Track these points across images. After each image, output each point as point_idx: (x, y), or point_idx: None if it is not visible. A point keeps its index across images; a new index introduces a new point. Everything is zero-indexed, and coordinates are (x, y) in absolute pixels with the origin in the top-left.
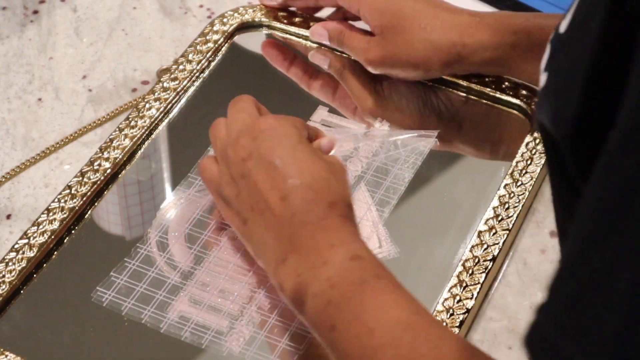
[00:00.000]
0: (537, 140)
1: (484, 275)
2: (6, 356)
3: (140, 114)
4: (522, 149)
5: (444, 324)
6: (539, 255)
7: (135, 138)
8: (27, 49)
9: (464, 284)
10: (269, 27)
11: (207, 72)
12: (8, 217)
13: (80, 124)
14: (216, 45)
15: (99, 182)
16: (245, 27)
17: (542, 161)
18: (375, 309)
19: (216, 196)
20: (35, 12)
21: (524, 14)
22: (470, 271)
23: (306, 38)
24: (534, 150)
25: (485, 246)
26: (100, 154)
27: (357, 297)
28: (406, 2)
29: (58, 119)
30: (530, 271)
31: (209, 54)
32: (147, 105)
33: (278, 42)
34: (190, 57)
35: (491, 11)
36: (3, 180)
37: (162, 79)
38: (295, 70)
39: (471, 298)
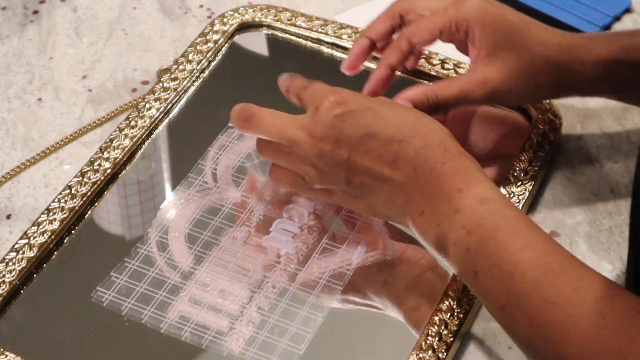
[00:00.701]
0: (537, 141)
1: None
2: (6, 356)
3: (141, 114)
4: (523, 149)
5: (445, 323)
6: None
7: (135, 138)
8: (27, 49)
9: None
10: (269, 27)
11: (207, 72)
12: (8, 217)
13: (80, 124)
14: (216, 45)
15: (99, 182)
16: (246, 27)
17: (542, 162)
18: (511, 254)
19: (312, 193)
20: (35, 12)
21: (628, 32)
22: None
23: (306, 38)
24: (534, 151)
25: None
26: (100, 154)
27: (492, 243)
28: (514, 17)
29: (58, 119)
30: None
31: (209, 54)
32: (147, 105)
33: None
34: (190, 57)
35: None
36: (3, 180)
37: (162, 79)
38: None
39: (472, 297)
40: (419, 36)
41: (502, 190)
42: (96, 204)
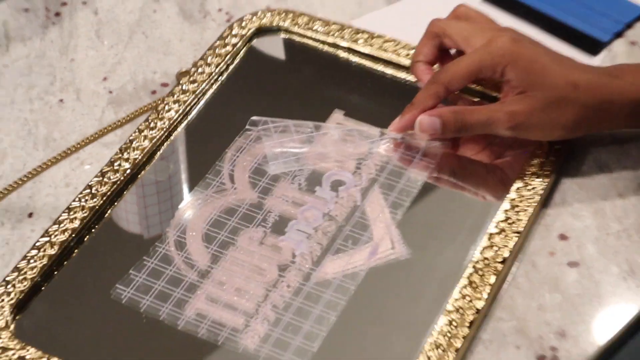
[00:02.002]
0: (548, 146)
1: (494, 277)
2: (27, 350)
3: (160, 116)
4: (534, 154)
5: (454, 324)
6: (548, 257)
7: (155, 139)
8: (49, 51)
9: (474, 285)
10: (287, 31)
11: (225, 75)
12: (30, 215)
13: (100, 125)
14: (234, 49)
15: (118, 182)
16: (264, 31)
17: (553, 166)
18: None
19: None
20: (57, 14)
21: None
22: (480, 273)
23: (323, 42)
24: (546, 155)
25: (495, 249)
26: (120, 155)
27: None
28: (544, 58)
29: (79, 120)
30: (539, 273)
31: (228, 57)
32: (167, 107)
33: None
34: (209, 60)
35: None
36: (25, 179)
37: (181, 82)
38: None
39: (481, 299)
40: (457, 82)
41: (513, 194)
42: (116, 203)
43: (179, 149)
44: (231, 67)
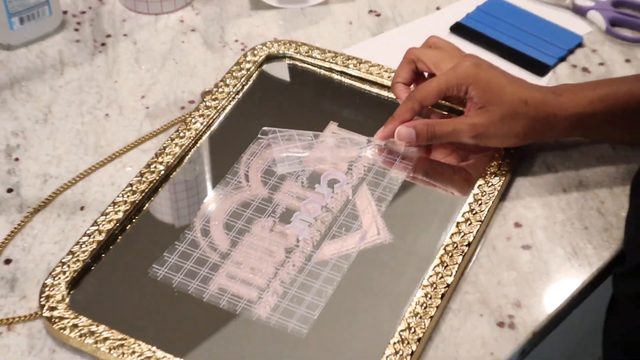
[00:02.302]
0: (504, 150)
1: (461, 257)
2: (80, 319)
3: (188, 127)
4: (493, 157)
5: (429, 296)
6: (505, 241)
7: (184, 146)
8: (96, 74)
9: (445, 264)
10: (291, 57)
11: (241, 94)
12: (82, 209)
13: (139, 134)
14: (248, 72)
15: (154, 181)
16: (272, 57)
17: (508, 167)
18: None
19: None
20: (103, 44)
21: (591, 83)
22: (450, 254)
23: (320, 67)
24: (502, 158)
25: (462, 234)
26: (156, 159)
27: None
28: (503, 81)
29: (122, 131)
30: (498, 255)
31: (243, 79)
32: (193, 120)
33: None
34: (227, 82)
35: (566, 84)
36: (78, 179)
37: (204, 99)
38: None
39: (450, 275)
40: (429, 100)
41: (476, 189)
42: (152, 198)
43: (203, 154)
44: (245, 87)
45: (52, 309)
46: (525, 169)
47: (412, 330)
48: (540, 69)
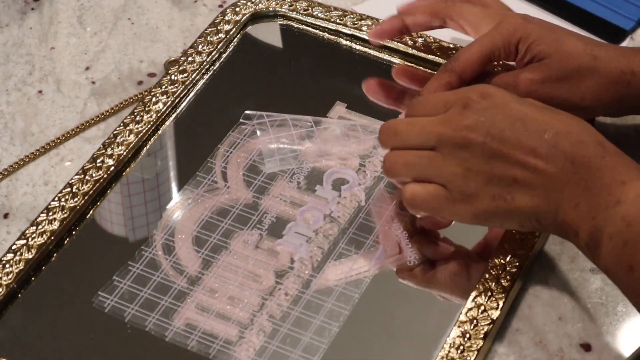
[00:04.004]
0: None
1: (510, 283)
2: None
3: (147, 108)
4: None
5: (467, 336)
6: (569, 263)
7: (141, 134)
8: (27, 38)
9: (489, 293)
10: (285, 17)
11: (217, 64)
12: (5, 216)
13: (82, 118)
14: (228, 36)
15: (101, 180)
16: (259, 17)
17: None
18: None
19: (449, 206)
20: None
21: None
22: (496, 279)
23: (324, 29)
24: None
25: (511, 252)
26: (104, 151)
27: None
28: (561, 33)
29: (59, 113)
30: (559, 280)
31: (220, 45)
32: (154, 99)
33: (409, 68)
34: (200, 48)
35: None
36: (0, 177)
37: (169, 71)
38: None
39: (496, 308)
40: (470, 70)
41: None
42: (98, 203)
43: (167, 144)
44: (224, 55)
45: None
46: None
47: None
48: (615, 34)
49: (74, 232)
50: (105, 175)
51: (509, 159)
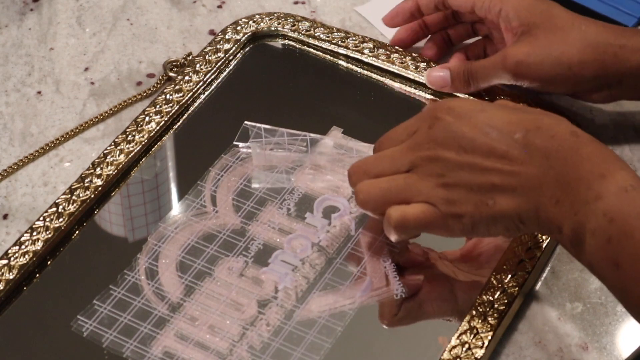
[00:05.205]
0: None
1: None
2: None
3: (139, 128)
4: None
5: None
6: (569, 263)
7: (132, 154)
8: (26, 39)
9: (475, 331)
10: (286, 37)
11: (215, 85)
12: (5, 217)
13: (81, 119)
14: (226, 56)
15: (88, 201)
16: (260, 36)
17: None
18: None
19: (443, 224)
20: (35, 0)
21: None
22: (490, 306)
23: (325, 51)
24: None
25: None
26: (92, 170)
27: (637, 231)
28: (553, 5)
29: (58, 114)
30: (559, 280)
31: (220, 64)
32: (147, 119)
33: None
34: (197, 67)
35: None
36: (0, 178)
37: (165, 91)
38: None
39: (482, 347)
40: (455, 1)
41: None
42: (84, 224)
43: (157, 164)
44: (222, 75)
45: None
46: None
47: None
48: None
49: (57, 254)
50: (92, 196)
51: (484, 167)
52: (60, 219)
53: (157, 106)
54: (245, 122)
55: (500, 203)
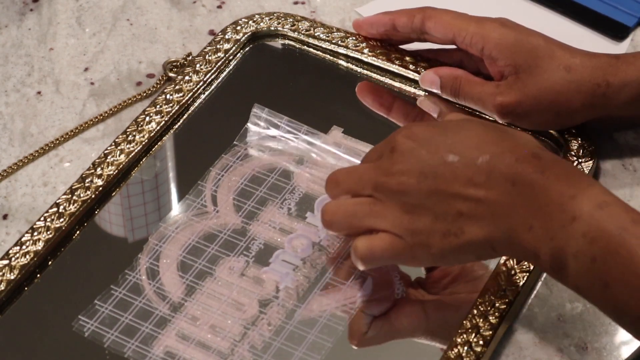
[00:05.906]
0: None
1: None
2: None
3: (139, 128)
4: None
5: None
6: None
7: (132, 154)
8: (26, 39)
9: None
10: (286, 37)
11: (215, 84)
12: (5, 217)
13: (81, 119)
14: (226, 56)
15: (89, 201)
16: (260, 36)
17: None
18: None
19: (409, 253)
20: (35, 0)
21: None
22: (490, 303)
23: (325, 51)
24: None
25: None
26: (93, 170)
27: (622, 249)
28: (538, 40)
29: (58, 114)
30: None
31: (220, 64)
32: (147, 119)
33: (373, 85)
34: (197, 67)
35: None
36: (0, 178)
37: (165, 90)
38: (397, 114)
39: (484, 344)
40: (435, 31)
41: None
42: (85, 224)
43: (157, 164)
44: (222, 75)
45: None
46: (597, 168)
47: None
48: (617, 30)
49: (58, 254)
50: (92, 196)
51: (448, 194)
52: (61, 219)
53: (158, 106)
54: (255, 104)
55: (469, 232)
